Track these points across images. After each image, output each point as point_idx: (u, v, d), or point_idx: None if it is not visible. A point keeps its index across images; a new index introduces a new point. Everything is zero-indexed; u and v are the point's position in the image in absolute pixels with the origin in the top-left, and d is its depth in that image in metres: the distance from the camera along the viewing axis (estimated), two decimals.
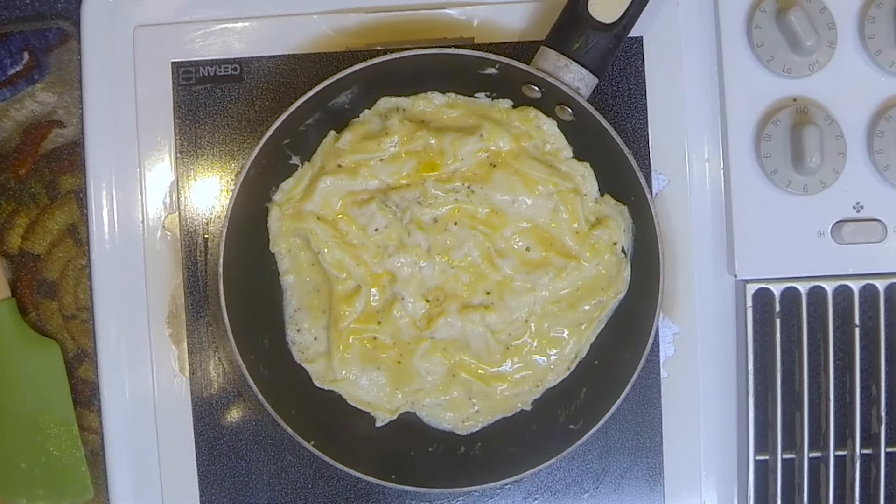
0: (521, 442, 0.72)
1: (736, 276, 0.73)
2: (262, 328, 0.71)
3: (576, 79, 0.68)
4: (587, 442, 0.68)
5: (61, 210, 0.76)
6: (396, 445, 0.72)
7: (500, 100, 0.71)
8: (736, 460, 0.74)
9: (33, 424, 0.74)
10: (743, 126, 0.72)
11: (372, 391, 0.72)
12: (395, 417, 0.72)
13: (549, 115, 0.71)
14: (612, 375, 0.69)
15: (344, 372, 0.71)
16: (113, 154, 0.74)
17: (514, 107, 0.71)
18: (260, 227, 0.71)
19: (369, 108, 0.71)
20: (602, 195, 0.72)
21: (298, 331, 0.72)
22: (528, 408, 0.73)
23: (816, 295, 0.72)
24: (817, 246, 0.71)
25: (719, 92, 0.73)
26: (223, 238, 0.67)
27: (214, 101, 0.73)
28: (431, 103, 0.71)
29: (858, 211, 0.71)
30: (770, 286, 0.72)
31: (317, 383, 0.72)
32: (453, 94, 0.71)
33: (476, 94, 0.72)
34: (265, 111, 0.73)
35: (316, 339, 0.72)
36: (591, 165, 0.72)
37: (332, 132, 0.71)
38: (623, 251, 0.71)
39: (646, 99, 0.74)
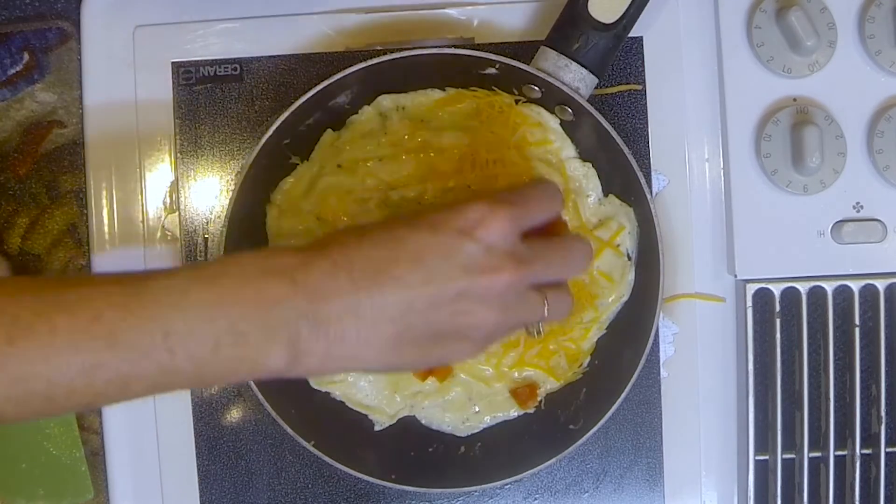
0: (521, 442, 0.72)
1: (736, 276, 0.73)
2: None
3: (576, 79, 0.68)
4: (587, 442, 0.68)
5: (61, 210, 0.76)
6: (396, 445, 0.72)
7: (504, 93, 0.71)
8: (736, 460, 0.74)
9: (33, 424, 0.74)
10: (743, 126, 0.72)
11: (371, 394, 0.72)
12: (393, 422, 0.72)
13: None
14: (612, 375, 0.69)
15: (342, 374, 0.71)
16: (113, 154, 0.74)
17: (516, 104, 0.71)
18: (260, 227, 0.71)
19: (368, 106, 0.71)
20: (606, 196, 0.72)
21: None
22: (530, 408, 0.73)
23: (816, 295, 0.72)
24: (817, 246, 0.71)
25: (719, 92, 0.73)
26: (223, 238, 0.67)
27: (214, 101, 0.73)
28: (431, 100, 0.71)
29: (858, 211, 0.71)
30: (770, 286, 0.72)
31: (314, 385, 0.72)
32: (452, 88, 0.71)
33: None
34: (265, 111, 0.73)
35: None
36: (591, 165, 0.72)
37: (330, 131, 0.71)
38: (627, 255, 0.71)
39: (646, 99, 0.74)
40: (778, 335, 0.72)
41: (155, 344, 0.47)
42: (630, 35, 0.69)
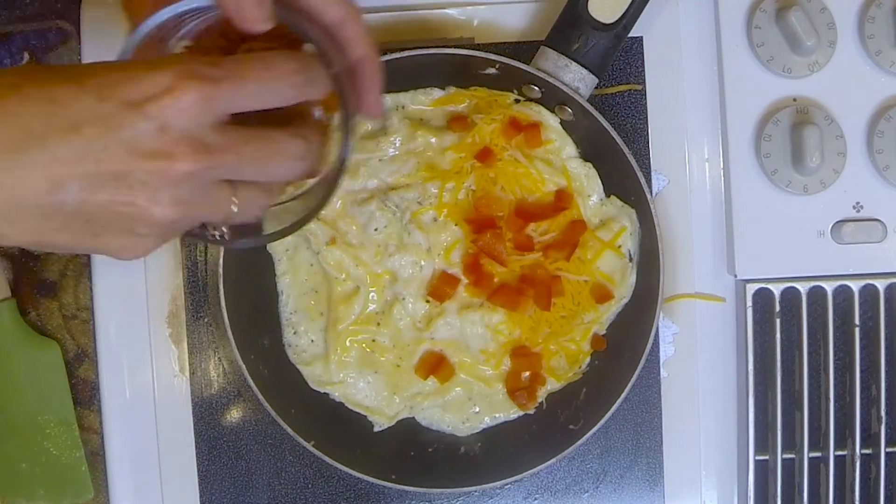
0: (521, 442, 0.72)
1: (736, 276, 0.73)
2: (262, 328, 0.71)
3: (576, 79, 0.68)
4: (587, 442, 0.68)
5: None
6: (396, 445, 0.72)
7: (505, 92, 0.71)
8: (736, 460, 0.74)
9: (33, 424, 0.74)
10: (743, 126, 0.72)
11: (370, 395, 0.72)
12: (393, 423, 0.72)
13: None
14: (612, 375, 0.69)
15: (341, 375, 0.71)
16: None
17: (517, 102, 0.71)
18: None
19: None
20: (608, 196, 0.72)
21: (295, 333, 0.72)
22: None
23: (816, 295, 0.72)
24: (817, 246, 0.71)
25: (719, 92, 0.73)
26: None
27: None
28: (431, 99, 0.71)
29: (858, 211, 0.71)
30: (770, 286, 0.72)
31: (312, 386, 0.71)
32: (452, 87, 0.71)
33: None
34: None
35: (313, 341, 0.72)
36: (592, 165, 0.72)
37: None
38: (629, 256, 0.71)
39: (646, 99, 0.74)
40: (778, 335, 0.72)
41: None
42: (630, 35, 0.69)
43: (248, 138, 0.45)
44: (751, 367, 0.72)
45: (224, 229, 0.50)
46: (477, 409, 0.72)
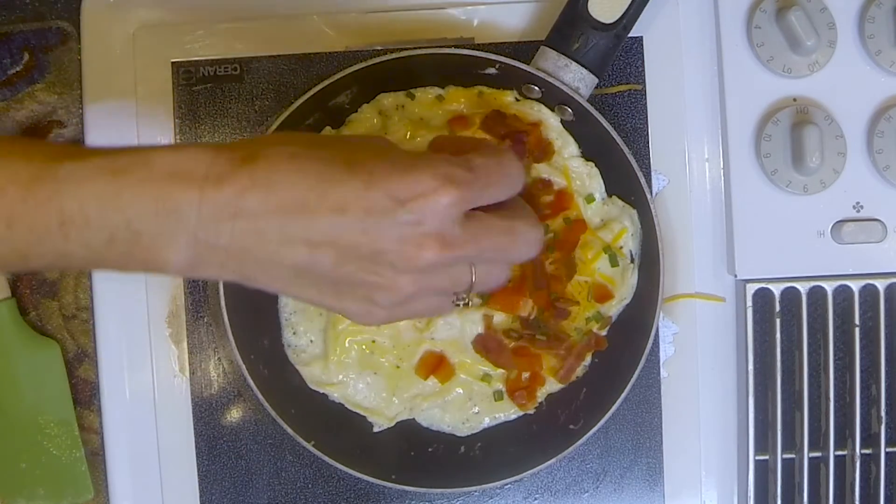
0: (521, 442, 0.72)
1: (736, 276, 0.73)
2: (262, 328, 0.71)
3: (576, 79, 0.68)
4: (587, 442, 0.69)
5: None
6: (396, 445, 0.72)
7: (506, 91, 0.71)
8: (736, 460, 0.74)
9: (33, 424, 0.74)
10: (743, 126, 0.72)
11: (369, 396, 0.71)
12: (392, 424, 0.72)
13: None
14: (612, 375, 0.69)
15: (340, 376, 0.71)
16: None
17: (517, 100, 0.71)
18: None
19: (368, 105, 0.71)
20: (610, 196, 0.72)
21: (294, 333, 0.72)
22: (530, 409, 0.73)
23: (816, 295, 0.72)
24: (817, 246, 0.71)
25: (719, 92, 0.73)
26: None
27: (214, 101, 0.73)
28: (430, 96, 0.71)
29: (858, 211, 0.71)
30: (770, 286, 0.72)
31: (311, 386, 0.71)
32: (452, 87, 0.71)
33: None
34: (265, 111, 0.73)
35: (312, 341, 0.72)
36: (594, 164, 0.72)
37: (328, 128, 0.71)
38: (630, 257, 0.71)
39: (646, 99, 0.74)
40: (778, 335, 0.72)
41: (50, 229, 0.47)
42: (630, 35, 0.69)
43: (489, 229, 0.51)
44: (751, 367, 0.72)
45: (465, 296, 0.55)
46: (477, 410, 0.72)
